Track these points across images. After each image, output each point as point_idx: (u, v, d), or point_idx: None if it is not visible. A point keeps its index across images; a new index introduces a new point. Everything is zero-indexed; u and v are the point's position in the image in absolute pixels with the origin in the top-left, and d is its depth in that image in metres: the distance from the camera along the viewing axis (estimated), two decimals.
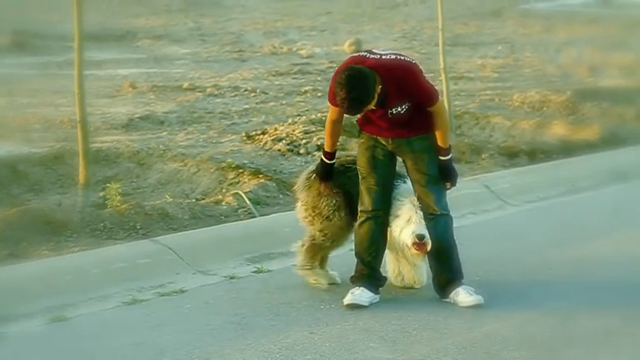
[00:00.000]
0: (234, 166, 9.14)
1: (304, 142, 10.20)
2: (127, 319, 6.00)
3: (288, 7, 24.85)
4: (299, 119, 11.12)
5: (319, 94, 12.92)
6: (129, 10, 23.21)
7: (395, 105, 5.97)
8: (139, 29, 20.72)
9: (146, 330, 5.79)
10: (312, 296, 6.30)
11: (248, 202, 8.18)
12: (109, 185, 8.28)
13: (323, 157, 6.29)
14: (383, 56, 5.97)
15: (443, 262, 6.20)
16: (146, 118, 11.47)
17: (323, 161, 6.29)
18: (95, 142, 9.48)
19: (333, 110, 6.13)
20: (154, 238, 7.22)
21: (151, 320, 5.95)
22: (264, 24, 21.77)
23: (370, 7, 24.92)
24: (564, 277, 6.71)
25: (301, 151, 10.04)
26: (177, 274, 6.72)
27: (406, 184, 6.24)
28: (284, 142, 10.22)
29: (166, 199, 8.22)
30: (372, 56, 5.98)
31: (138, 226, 7.61)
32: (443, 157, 6.12)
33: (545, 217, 8.46)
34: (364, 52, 6.12)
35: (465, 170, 9.42)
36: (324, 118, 8.05)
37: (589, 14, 22.61)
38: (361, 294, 6.14)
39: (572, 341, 5.61)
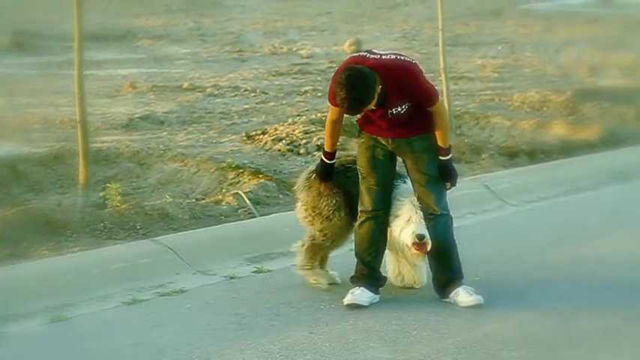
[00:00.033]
0: (234, 166, 9.14)
1: (304, 142, 10.20)
2: (127, 319, 6.00)
3: (288, 7, 24.84)
4: (299, 119, 11.12)
5: (319, 94, 12.91)
6: (129, 10, 23.20)
7: (395, 105, 5.96)
8: (139, 29, 20.70)
9: (146, 330, 5.79)
10: (312, 296, 6.30)
11: (248, 202, 8.18)
12: (109, 185, 8.28)
13: (323, 157, 6.29)
14: (383, 56, 5.97)
15: (443, 262, 6.20)
16: (146, 118, 11.46)
17: (323, 161, 6.29)
18: (95, 142, 9.47)
19: (333, 110, 6.13)
20: (154, 238, 7.22)
21: (151, 320, 5.95)
22: (264, 24, 21.76)
23: (370, 7, 24.91)
24: (564, 277, 6.70)
25: (301, 151, 10.03)
26: (177, 274, 6.71)
27: (406, 184, 6.24)
28: (284, 142, 10.21)
29: (166, 199, 8.22)
30: (372, 56, 5.98)
31: (138, 226, 7.61)
32: (443, 157, 6.12)
33: (545, 217, 8.46)
34: (364, 52, 6.11)
35: (465, 170, 9.41)
36: (324, 118, 8.05)
37: (589, 14, 22.60)
38: (361, 294, 6.13)
39: (572, 341, 5.60)
